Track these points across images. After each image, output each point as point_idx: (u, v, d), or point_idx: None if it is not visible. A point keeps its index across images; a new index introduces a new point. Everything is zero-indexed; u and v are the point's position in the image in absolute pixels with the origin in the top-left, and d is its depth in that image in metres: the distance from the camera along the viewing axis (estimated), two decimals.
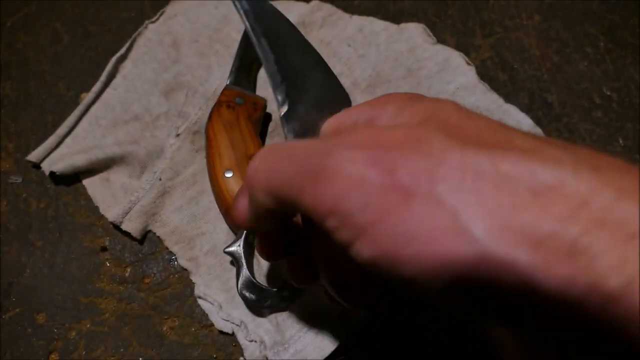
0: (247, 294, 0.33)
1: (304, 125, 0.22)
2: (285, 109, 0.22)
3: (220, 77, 0.43)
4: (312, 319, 0.34)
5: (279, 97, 0.22)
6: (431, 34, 0.44)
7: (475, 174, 0.14)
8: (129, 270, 0.37)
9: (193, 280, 0.36)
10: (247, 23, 0.22)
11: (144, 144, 0.40)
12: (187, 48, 0.44)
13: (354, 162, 0.15)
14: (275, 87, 0.22)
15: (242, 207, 0.23)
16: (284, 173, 0.17)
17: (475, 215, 0.14)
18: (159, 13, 0.45)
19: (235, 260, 0.34)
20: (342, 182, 0.15)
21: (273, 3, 0.46)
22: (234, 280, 0.34)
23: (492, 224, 0.13)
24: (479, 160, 0.14)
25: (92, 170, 0.39)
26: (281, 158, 0.18)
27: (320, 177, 0.16)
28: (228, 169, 0.35)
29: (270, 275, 0.36)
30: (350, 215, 0.15)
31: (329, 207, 0.16)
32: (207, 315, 0.36)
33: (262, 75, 0.44)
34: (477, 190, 0.14)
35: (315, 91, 0.23)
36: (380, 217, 0.15)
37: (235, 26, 0.45)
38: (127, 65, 0.43)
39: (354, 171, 0.15)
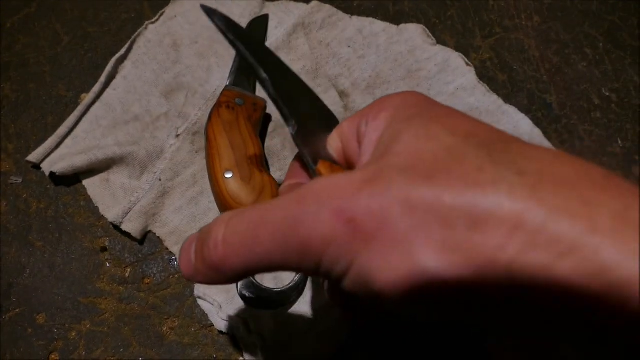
0: (247, 295, 0.33)
1: (314, 140, 0.24)
2: (295, 127, 0.23)
3: (220, 78, 0.43)
4: (313, 319, 0.34)
5: (288, 118, 0.23)
6: (431, 35, 0.44)
7: (423, 209, 0.15)
8: (129, 270, 0.37)
9: None
10: (245, 53, 0.23)
11: (144, 144, 0.40)
12: (187, 49, 0.44)
13: (321, 224, 0.16)
14: (280, 109, 0.23)
15: (199, 272, 0.20)
16: (260, 251, 0.18)
17: (425, 250, 0.15)
18: (158, 14, 0.45)
19: None
20: (317, 245, 0.17)
21: (274, 4, 0.46)
22: None
23: (439, 258, 0.15)
24: (425, 195, 0.15)
25: (92, 170, 0.39)
26: (249, 233, 0.18)
27: (299, 247, 0.17)
28: (228, 170, 0.35)
29: (270, 275, 0.36)
30: (331, 269, 0.17)
31: (314, 267, 0.17)
32: (207, 315, 0.36)
33: None
34: (426, 225, 0.15)
35: (308, 110, 0.25)
36: (351, 263, 0.16)
37: None
38: (127, 65, 0.43)
39: (323, 232, 0.16)
